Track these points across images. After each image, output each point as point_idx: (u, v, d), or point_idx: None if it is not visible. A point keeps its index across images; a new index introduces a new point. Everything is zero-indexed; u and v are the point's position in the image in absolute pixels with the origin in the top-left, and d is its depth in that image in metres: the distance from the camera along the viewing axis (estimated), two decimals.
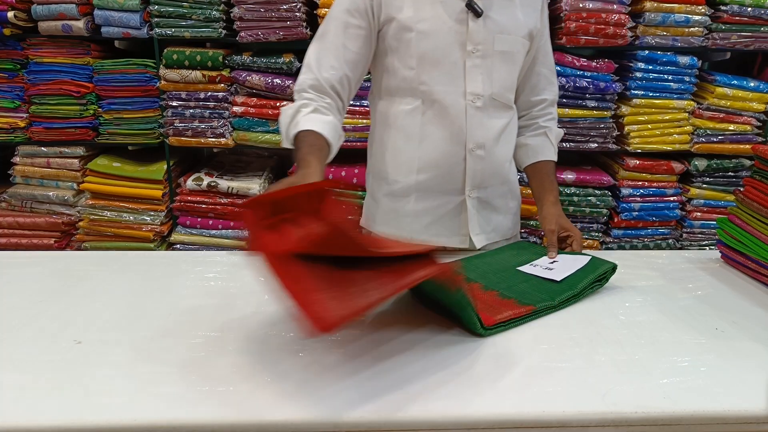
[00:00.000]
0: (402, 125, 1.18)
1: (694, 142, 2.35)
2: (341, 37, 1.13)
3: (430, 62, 1.14)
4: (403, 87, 1.17)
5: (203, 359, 0.80)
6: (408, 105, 1.17)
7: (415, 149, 1.18)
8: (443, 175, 1.19)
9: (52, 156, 2.37)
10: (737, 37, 2.26)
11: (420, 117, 1.17)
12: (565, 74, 2.27)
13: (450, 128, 1.17)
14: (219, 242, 2.37)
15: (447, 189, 1.21)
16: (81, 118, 2.31)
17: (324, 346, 0.84)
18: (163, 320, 0.91)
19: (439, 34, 1.12)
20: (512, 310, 0.91)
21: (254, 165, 2.58)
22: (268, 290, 1.02)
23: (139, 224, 2.37)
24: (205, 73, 2.24)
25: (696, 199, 2.42)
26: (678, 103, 2.31)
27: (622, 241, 2.47)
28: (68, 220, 2.41)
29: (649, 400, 0.73)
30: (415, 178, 1.20)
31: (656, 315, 0.96)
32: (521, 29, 1.18)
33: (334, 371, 0.78)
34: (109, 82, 2.27)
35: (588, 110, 2.31)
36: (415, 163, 1.19)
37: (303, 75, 1.14)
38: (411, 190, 1.21)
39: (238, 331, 0.88)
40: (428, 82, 1.14)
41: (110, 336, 0.86)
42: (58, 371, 0.77)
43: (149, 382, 0.75)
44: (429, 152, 1.18)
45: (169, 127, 2.31)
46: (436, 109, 1.16)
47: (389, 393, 0.74)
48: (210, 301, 0.98)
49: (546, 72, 1.30)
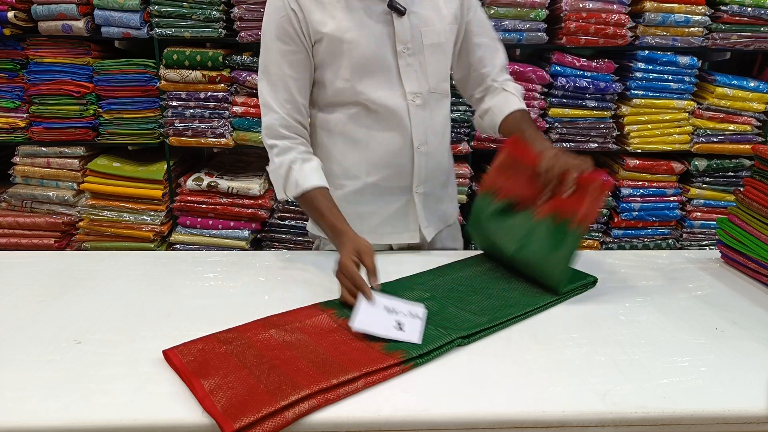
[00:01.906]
0: (345, 131, 1.18)
1: (694, 142, 2.35)
2: (283, 67, 1.12)
3: (364, 70, 1.12)
4: (339, 98, 1.16)
5: None
6: (348, 111, 1.17)
7: (361, 153, 1.19)
8: (392, 175, 1.20)
9: (52, 156, 2.37)
10: (737, 37, 2.26)
11: (362, 121, 1.17)
12: (565, 74, 2.27)
13: (395, 129, 1.16)
14: (219, 242, 2.37)
15: (395, 188, 1.21)
16: (81, 118, 2.31)
17: None
18: (163, 320, 0.91)
19: (368, 40, 1.11)
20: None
21: (254, 165, 2.58)
22: (268, 290, 1.02)
23: (139, 224, 2.37)
24: (205, 73, 2.24)
25: (696, 199, 2.42)
26: (678, 103, 2.31)
27: (622, 241, 2.47)
28: (68, 220, 2.41)
29: (649, 400, 0.73)
30: (364, 180, 1.20)
31: (656, 315, 0.96)
32: (446, 17, 1.17)
33: None
34: (109, 82, 2.27)
35: (588, 110, 2.31)
36: (363, 166, 1.20)
37: (267, 116, 1.15)
38: (360, 192, 1.21)
39: None
40: (365, 90, 1.13)
41: (110, 336, 0.86)
42: (58, 371, 0.77)
43: (149, 382, 0.75)
44: (377, 155, 1.18)
45: (169, 127, 2.31)
46: (379, 113, 1.15)
47: (389, 393, 0.74)
48: (210, 301, 0.98)
49: (487, 41, 1.27)
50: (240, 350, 0.79)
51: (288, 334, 0.84)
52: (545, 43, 2.26)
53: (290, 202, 2.31)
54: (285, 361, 0.77)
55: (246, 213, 2.35)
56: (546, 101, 2.31)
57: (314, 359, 0.77)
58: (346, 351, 0.80)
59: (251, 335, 0.83)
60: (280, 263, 1.17)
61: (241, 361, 0.76)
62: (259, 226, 2.40)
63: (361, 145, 1.18)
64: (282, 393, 0.69)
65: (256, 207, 2.35)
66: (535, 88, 2.28)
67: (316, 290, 1.03)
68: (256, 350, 0.79)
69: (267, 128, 1.14)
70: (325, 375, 0.73)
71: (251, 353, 0.78)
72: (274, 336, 0.83)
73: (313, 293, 1.01)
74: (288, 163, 1.12)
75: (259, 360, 0.77)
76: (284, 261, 1.18)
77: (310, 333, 0.85)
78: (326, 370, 0.74)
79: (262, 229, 2.43)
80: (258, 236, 2.45)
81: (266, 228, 2.43)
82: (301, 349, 0.80)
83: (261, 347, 0.80)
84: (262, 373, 0.74)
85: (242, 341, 0.82)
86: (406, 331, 0.85)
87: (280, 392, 0.69)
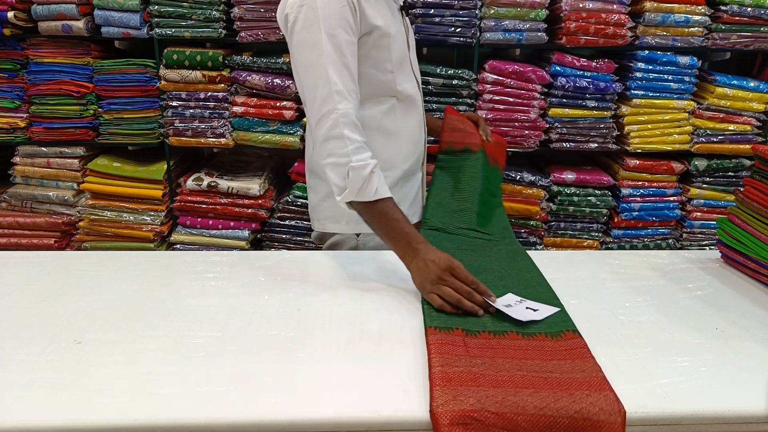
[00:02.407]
0: (380, 125, 1.25)
1: (694, 142, 2.35)
2: (347, 56, 1.09)
3: (400, 63, 1.24)
4: (377, 91, 1.23)
5: (203, 359, 0.80)
6: (384, 105, 1.25)
7: (396, 143, 1.28)
8: (416, 160, 1.35)
9: (52, 156, 2.37)
10: (737, 37, 2.26)
11: (396, 114, 1.27)
12: (565, 74, 2.27)
13: (416, 117, 1.32)
14: (219, 242, 2.37)
15: (416, 171, 1.36)
16: (81, 118, 2.31)
17: (324, 346, 0.84)
18: (163, 320, 0.91)
19: (401, 35, 1.25)
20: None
21: (254, 165, 2.58)
22: (268, 290, 1.02)
23: (139, 224, 2.37)
24: (205, 73, 2.24)
25: (696, 199, 2.42)
26: (678, 103, 2.31)
27: (622, 241, 2.47)
28: (68, 220, 2.41)
29: (649, 400, 0.73)
30: (401, 168, 1.30)
31: (656, 315, 0.96)
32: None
33: (334, 371, 0.78)
34: (109, 82, 2.27)
35: (588, 110, 2.31)
36: (399, 156, 1.29)
37: (342, 104, 1.07)
38: (398, 179, 1.30)
39: (238, 331, 0.88)
40: (401, 81, 1.25)
41: (110, 336, 0.86)
42: (58, 371, 0.77)
43: (149, 382, 0.75)
44: (406, 143, 1.31)
45: (169, 127, 2.31)
46: (407, 103, 1.28)
47: (390, 393, 0.74)
48: (210, 301, 0.98)
49: None
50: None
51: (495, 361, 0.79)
52: (545, 43, 2.25)
53: (291, 202, 2.32)
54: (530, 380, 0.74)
55: (246, 213, 2.35)
56: (546, 101, 2.31)
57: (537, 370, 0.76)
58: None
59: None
60: (280, 263, 1.17)
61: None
62: (259, 226, 2.40)
63: (395, 136, 1.28)
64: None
65: (256, 207, 2.35)
66: (535, 88, 2.28)
67: (317, 290, 1.03)
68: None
69: (344, 116, 1.06)
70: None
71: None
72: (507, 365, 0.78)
73: (314, 293, 1.01)
74: (372, 166, 1.05)
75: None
76: (284, 261, 1.18)
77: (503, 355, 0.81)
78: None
79: (262, 229, 2.43)
80: (258, 236, 2.45)
81: (266, 228, 2.43)
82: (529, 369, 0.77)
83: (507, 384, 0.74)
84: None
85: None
86: (540, 309, 0.92)
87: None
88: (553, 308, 0.93)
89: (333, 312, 0.95)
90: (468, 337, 0.83)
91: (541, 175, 2.41)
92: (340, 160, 1.05)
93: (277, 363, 0.80)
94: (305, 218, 2.36)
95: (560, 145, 2.35)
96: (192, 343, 0.85)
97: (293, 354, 0.82)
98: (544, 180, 2.37)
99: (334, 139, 1.05)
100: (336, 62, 1.07)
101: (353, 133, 1.06)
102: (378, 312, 0.95)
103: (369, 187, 1.03)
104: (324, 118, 1.06)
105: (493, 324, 0.88)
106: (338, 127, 1.05)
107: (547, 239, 2.46)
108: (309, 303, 0.97)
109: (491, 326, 0.87)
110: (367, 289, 1.04)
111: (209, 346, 0.84)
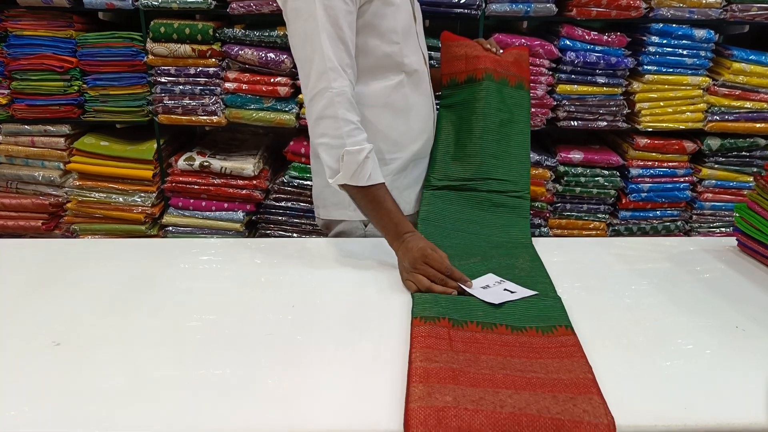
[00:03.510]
0: (388, 102, 1.17)
1: (707, 121, 2.25)
2: (344, 28, 1.02)
3: (405, 35, 1.15)
4: (384, 64, 1.14)
5: (192, 365, 0.73)
6: (392, 80, 1.16)
7: (406, 122, 1.20)
8: (428, 138, 1.26)
9: (36, 134, 2.27)
10: (757, 9, 2.14)
11: (404, 89, 1.18)
12: (574, 48, 2.16)
13: (425, 92, 1.24)
14: (213, 224, 2.29)
15: (426, 153, 1.28)
16: (65, 95, 2.20)
17: (320, 350, 0.77)
18: (149, 319, 0.84)
19: (406, 5, 1.16)
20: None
21: (249, 143, 2.48)
22: (261, 285, 0.95)
23: (129, 206, 2.28)
24: (194, 47, 2.12)
25: (707, 180, 2.34)
26: (692, 79, 2.20)
27: (630, 223, 2.39)
28: (56, 201, 2.32)
29: (669, 410, 0.66)
30: (411, 149, 1.22)
31: (672, 309, 0.89)
32: None
33: (331, 379, 0.72)
34: (93, 56, 2.15)
35: (598, 87, 2.21)
36: (409, 135, 1.21)
37: (337, 81, 1.01)
38: (408, 161, 1.23)
39: (230, 331, 0.81)
40: (408, 54, 1.16)
41: (91, 337, 0.79)
42: (33, 378, 0.70)
43: (132, 391, 0.67)
44: (416, 121, 1.22)
45: (158, 105, 2.20)
46: (415, 78, 1.19)
47: (390, 392, 0.68)
48: (202, 294, 0.91)
49: None
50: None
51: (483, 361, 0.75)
52: (554, 15, 2.13)
53: (287, 183, 2.23)
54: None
55: (240, 194, 2.26)
56: (554, 77, 2.20)
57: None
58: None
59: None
60: (275, 251, 1.09)
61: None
62: (254, 207, 2.32)
63: (404, 113, 1.20)
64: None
65: (250, 188, 2.26)
66: (543, 63, 2.17)
67: (314, 282, 0.96)
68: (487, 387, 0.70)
69: (340, 95, 1.01)
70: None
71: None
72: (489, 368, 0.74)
73: (311, 286, 0.94)
74: (367, 151, 1.02)
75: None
76: (279, 249, 1.11)
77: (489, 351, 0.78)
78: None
79: (257, 210, 2.34)
80: (253, 218, 2.36)
81: (261, 210, 2.35)
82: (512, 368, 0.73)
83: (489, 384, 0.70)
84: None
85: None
86: (517, 291, 0.91)
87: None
88: (529, 291, 0.92)
89: (330, 310, 0.89)
90: (454, 329, 0.80)
91: (548, 154, 2.31)
92: (335, 142, 1.02)
93: (271, 369, 0.74)
94: (302, 199, 2.28)
95: (568, 124, 2.25)
96: (180, 348, 0.78)
97: (288, 358, 0.76)
98: (550, 160, 2.28)
99: (328, 118, 1.02)
100: (332, 35, 1.01)
101: (348, 112, 1.03)
102: (378, 310, 0.88)
103: (363, 171, 1.02)
104: (318, 96, 1.02)
105: (483, 315, 0.85)
106: (333, 106, 1.01)
107: (553, 221, 2.39)
108: (305, 298, 0.91)
109: (481, 317, 0.85)
110: (368, 283, 0.98)
111: (199, 350, 0.77)
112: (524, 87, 1.30)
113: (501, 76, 1.27)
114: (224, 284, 0.97)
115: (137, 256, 1.07)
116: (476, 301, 0.90)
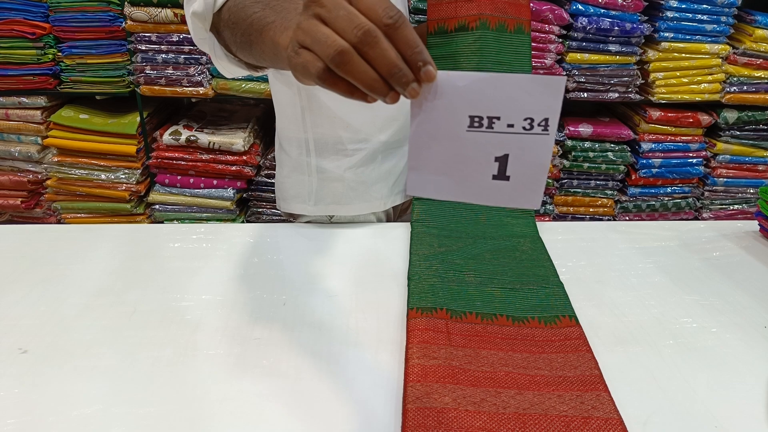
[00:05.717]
0: None
1: (725, 92, 2.12)
2: None
3: None
4: None
5: (170, 377, 0.64)
6: None
7: (369, 108, 1.00)
8: (400, 126, 1.08)
9: (10, 107, 2.12)
10: None
11: None
12: (586, 13, 2.01)
13: None
14: (202, 202, 2.18)
15: (399, 143, 1.10)
16: (39, 64, 2.04)
17: (315, 356, 0.68)
18: (126, 319, 0.74)
19: None
20: None
21: (239, 115, 2.34)
22: (248, 279, 0.84)
23: (113, 183, 2.16)
24: (176, 11, 1.96)
25: (722, 155, 2.22)
26: (711, 47, 2.06)
27: (639, 199, 2.29)
28: (35, 178, 2.19)
29: (697, 428, 0.58)
30: (378, 139, 1.06)
31: (695, 309, 0.79)
32: None
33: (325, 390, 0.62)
34: (67, 22, 1.99)
35: (610, 55, 2.06)
36: (373, 124, 1.04)
37: None
38: (377, 153, 1.07)
39: (213, 335, 0.71)
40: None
41: (63, 343, 0.69)
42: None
43: (108, 404, 0.58)
44: (385, 107, 1.02)
45: (139, 75, 2.05)
46: None
47: (390, 392, 0.60)
48: (182, 296, 0.81)
49: None
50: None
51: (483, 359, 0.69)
52: None
53: None
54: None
55: (230, 170, 2.14)
56: (564, 45, 2.05)
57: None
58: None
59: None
60: (262, 238, 0.98)
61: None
62: (245, 184, 2.20)
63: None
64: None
65: (240, 164, 2.13)
66: (552, 30, 2.02)
67: (307, 276, 0.86)
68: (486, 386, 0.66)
69: None
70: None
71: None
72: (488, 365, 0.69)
73: (303, 281, 0.84)
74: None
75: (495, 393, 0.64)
76: (265, 235, 1.00)
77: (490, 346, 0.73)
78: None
79: (248, 187, 2.22)
80: (244, 195, 2.25)
81: (253, 186, 2.23)
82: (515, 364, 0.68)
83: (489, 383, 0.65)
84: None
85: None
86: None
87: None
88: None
89: (326, 307, 0.79)
90: (452, 320, 0.75)
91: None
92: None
93: (261, 378, 0.64)
94: None
95: (577, 95, 2.12)
96: (158, 354, 0.68)
97: (276, 367, 0.66)
98: (557, 134, 2.16)
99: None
100: None
101: None
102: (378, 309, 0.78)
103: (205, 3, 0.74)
104: None
105: (482, 305, 0.79)
106: None
107: (558, 198, 2.28)
108: (297, 295, 0.81)
109: (480, 307, 0.79)
110: (367, 279, 0.87)
111: (180, 356, 0.67)
112: (524, 30, 1.12)
113: (498, 21, 1.10)
114: (207, 282, 0.87)
115: (118, 245, 0.96)
116: (475, 289, 0.82)
